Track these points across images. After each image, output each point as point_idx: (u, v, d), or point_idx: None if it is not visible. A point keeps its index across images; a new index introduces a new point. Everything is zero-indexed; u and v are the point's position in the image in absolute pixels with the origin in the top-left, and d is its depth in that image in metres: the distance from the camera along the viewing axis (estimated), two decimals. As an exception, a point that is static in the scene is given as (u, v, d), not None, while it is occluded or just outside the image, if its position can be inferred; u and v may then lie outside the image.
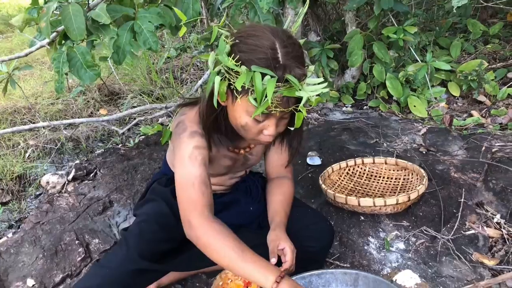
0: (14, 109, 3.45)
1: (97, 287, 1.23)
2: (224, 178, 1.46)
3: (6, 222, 2.39)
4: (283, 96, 1.04)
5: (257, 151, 1.42)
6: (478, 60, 2.69)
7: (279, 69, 1.02)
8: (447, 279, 1.45)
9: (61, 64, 1.26)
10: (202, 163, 1.20)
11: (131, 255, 1.24)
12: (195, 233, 1.14)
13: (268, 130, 1.14)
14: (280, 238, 1.28)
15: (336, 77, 2.93)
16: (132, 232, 1.34)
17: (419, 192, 1.64)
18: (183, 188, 1.18)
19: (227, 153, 1.35)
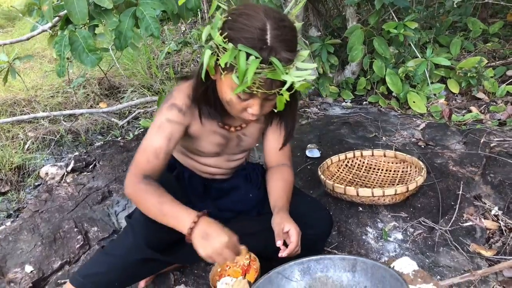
0: (14, 101, 3.45)
1: (102, 275, 1.25)
2: (220, 159, 1.45)
3: (4, 212, 2.39)
4: (266, 77, 1.05)
5: (250, 132, 1.41)
6: (477, 57, 2.70)
7: (265, 51, 1.04)
8: (444, 269, 1.46)
9: (62, 47, 1.26)
10: (168, 136, 1.25)
11: (138, 244, 1.25)
12: (126, 191, 1.23)
13: (252, 109, 1.16)
14: (285, 221, 1.28)
15: (336, 72, 2.94)
16: (137, 219, 1.34)
17: (418, 183, 1.64)
18: (138, 151, 1.26)
19: (218, 129, 1.35)
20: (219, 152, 1.41)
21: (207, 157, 1.43)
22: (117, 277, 1.26)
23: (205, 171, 1.47)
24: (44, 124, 3.18)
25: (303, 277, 1.21)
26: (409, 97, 2.61)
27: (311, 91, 2.83)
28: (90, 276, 1.26)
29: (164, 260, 1.32)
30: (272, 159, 1.49)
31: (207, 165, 1.45)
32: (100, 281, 1.25)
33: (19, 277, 1.65)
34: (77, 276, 1.27)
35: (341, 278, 1.20)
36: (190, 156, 1.46)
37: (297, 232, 1.25)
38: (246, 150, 1.47)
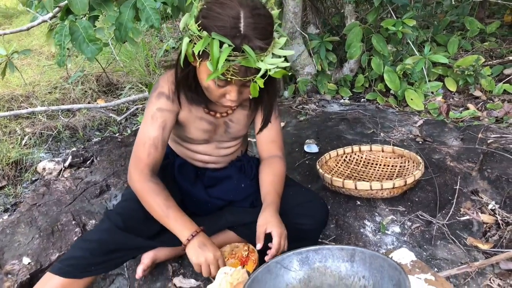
0: (12, 96, 3.44)
1: (78, 258, 1.26)
2: (210, 147, 1.47)
3: (1, 206, 2.39)
4: (240, 65, 1.07)
5: (237, 119, 1.42)
6: (475, 56, 2.71)
7: (238, 39, 1.06)
8: (442, 261, 1.47)
9: (63, 37, 1.26)
10: (161, 125, 1.30)
11: (112, 229, 1.28)
12: (133, 185, 1.30)
13: (229, 95, 1.19)
14: (268, 222, 1.30)
15: (335, 70, 2.95)
16: (114, 210, 1.39)
17: (416, 177, 1.65)
18: (137, 144, 1.32)
19: (204, 116, 1.36)
20: (208, 139, 1.43)
21: (197, 144, 1.45)
22: (93, 261, 1.26)
23: (197, 159, 1.48)
24: (42, 120, 3.18)
25: (302, 267, 1.22)
26: (407, 94, 2.62)
27: (309, 88, 2.84)
28: (66, 260, 1.27)
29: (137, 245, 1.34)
30: (263, 150, 1.51)
31: (198, 152, 1.47)
32: (76, 264, 1.26)
33: (17, 268, 1.65)
34: (56, 264, 1.29)
35: (339, 268, 1.20)
36: (182, 143, 1.47)
37: (278, 234, 1.27)
38: (236, 137, 1.48)
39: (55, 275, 1.26)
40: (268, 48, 1.10)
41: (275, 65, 1.08)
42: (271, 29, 1.13)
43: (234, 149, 1.53)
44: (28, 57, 4.49)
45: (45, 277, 1.29)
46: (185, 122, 1.37)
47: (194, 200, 1.52)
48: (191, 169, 1.51)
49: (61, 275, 1.25)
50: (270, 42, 1.11)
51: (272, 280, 1.18)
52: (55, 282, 1.25)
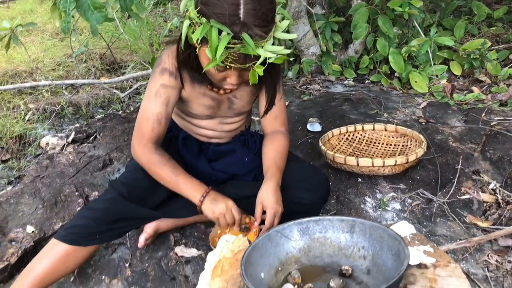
0: (15, 72, 3.44)
1: (82, 227, 1.28)
2: (214, 122, 1.47)
3: (5, 179, 2.41)
4: (239, 52, 1.07)
5: (241, 95, 1.42)
6: (481, 39, 2.69)
7: (237, 26, 1.05)
8: (441, 238, 1.48)
9: (68, 3, 1.26)
10: (165, 102, 1.31)
11: (116, 198, 1.29)
12: (139, 160, 1.33)
13: (230, 79, 1.20)
14: (265, 199, 1.33)
15: (340, 51, 2.94)
16: (118, 180, 1.39)
17: (418, 155, 1.66)
18: (140, 119, 1.33)
19: (207, 92, 1.37)
20: (211, 114, 1.43)
21: (201, 119, 1.45)
22: (97, 229, 1.28)
23: (201, 134, 1.49)
24: (45, 96, 3.18)
25: (302, 237, 1.23)
26: (411, 77, 2.61)
27: (313, 68, 2.83)
28: (71, 228, 1.29)
29: (140, 214, 1.35)
30: (267, 126, 1.51)
31: (202, 127, 1.47)
32: (80, 232, 1.27)
33: (21, 236, 1.67)
34: (60, 231, 1.31)
35: (339, 238, 1.21)
36: (185, 118, 1.48)
37: (271, 215, 1.31)
38: (240, 113, 1.48)
39: (60, 242, 1.28)
40: (268, 35, 1.09)
41: (276, 53, 1.07)
42: (272, 14, 1.12)
43: (237, 125, 1.54)
44: (31, 34, 4.49)
45: (50, 243, 1.30)
46: (189, 98, 1.37)
47: (197, 173, 1.52)
48: (194, 143, 1.52)
49: (66, 242, 1.27)
50: (270, 29, 1.10)
51: (273, 248, 1.19)
52: (60, 248, 1.27)
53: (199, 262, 1.43)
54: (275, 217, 1.31)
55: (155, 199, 1.37)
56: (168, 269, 1.43)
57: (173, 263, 1.44)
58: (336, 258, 1.20)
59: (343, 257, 1.20)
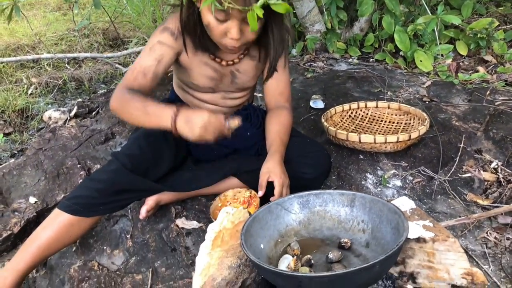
0: (18, 45, 3.42)
1: (85, 197, 1.28)
2: (216, 96, 1.47)
3: (8, 152, 2.42)
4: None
5: (244, 69, 1.42)
6: (489, 19, 2.65)
7: None
8: (440, 215, 1.49)
9: (70, -29, 1.24)
10: (157, 58, 1.28)
11: (119, 169, 1.29)
12: (111, 106, 1.26)
13: (231, 32, 1.18)
14: (271, 171, 1.32)
15: (345, 28, 2.90)
16: (121, 151, 1.38)
17: (420, 132, 1.65)
18: (129, 69, 1.31)
19: (209, 62, 1.36)
20: (213, 87, 1.42)
21: (203, 92, 1.45)
22: (100, 201, 1.28)
23: (204, 108, 1.48)
24: (48, 70, 3.17)
25: (302, 210, 1.24)
26: (416, 56, 2.59)
27: (318, 46, 2.80)
28: (74, 198, 1.29)
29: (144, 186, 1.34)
30: (271, 100, 1.51)
31: (205, 101, 1.47)
32: (83, 203, 1.27)
33: (23, 207, 1.69)
34: (64, 201, 1.30)
35: (339, 212, 1.22)
36: (188, 91, 1.47)
37: (279, 184, 1.30)
38: (243, 89, 1.48)
39: (62, 212, 1.28)
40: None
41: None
42: None
43: (241, 101, 1.53)
44: (34, 8, 4.45)
45: (53, 213, 1.31)
46: (189, 65, 1.37)
47: (200, 147, 1.53)
48: None
49: (69, 213, 1.27)
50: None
51: (273, 221, 1.20)
52: (63, 218, 1.28)
53: (200, 234, 1.44)
54: (283, 187, 1.31)
55: (157, 172, 1.37)
56: (169, 241, 1.44)
57: (174, 235, 1.45)
58: (335, 231, 1.21)
59: (342, 230, 1.21)
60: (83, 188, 1.31)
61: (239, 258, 1.12)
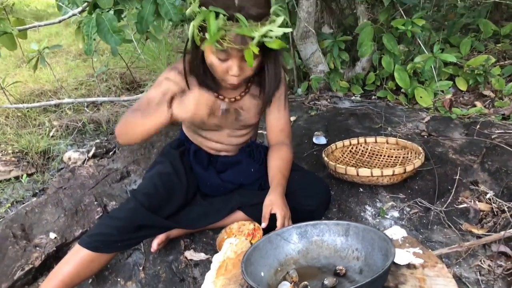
0: (41, 91, 3.65)
1: (105, 235, 1.39)
2: (222, 134, 1.58)
3: (30, 191, 2.57)
4: (236, 34, 1.18)
5: (247, 107, 1.53)
6: (485, 56, 2.77)
7: (233, 9, 1.17)
8: (436, 244, 1.55)
9: (90, 28, 1.41)
10: (163, 91, 1.37)
11: (137, 208, 1.40)
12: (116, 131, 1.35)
13: (231, 70, 1.29)
14: (273, 203, 1.42)
15: (347, 68, 3.04)
16: (138, 189, 1.50)
17: (415, 166, 1.74)
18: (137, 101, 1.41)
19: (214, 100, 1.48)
20: (219, 124, 1.54)
21: (210, 131, 1.56)
22: (119, 238, 1.38)
23: (211, 147, 1.60)
24: (68, 113, 3.37)
25: (301, 240, 1.32)
26: (417, 92, 2.70)
27: (322, 85, 2.95)
28: (94, 235, 1.39)
29: (158, 224, 1.45)
30: (272, 137, 1.62)
31: (211, 139, 1.58)
32: (103, 240, 1.38)
33: (44, 242, 1.80)
34: (84, 237, 1.40)
35: (335, 241, 1.30)
36: (196, 130, 1.59)
37: (282, 216, 1.38)
38: (247, 126, 1.58)
39: (83, 248, 1.38)
40: (263, 18, 1.20)
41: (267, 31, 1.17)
42: (266, 4, 1.23)
43: (245, 139, 1.65)
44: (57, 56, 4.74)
45: (75, 249, 1.41)
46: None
47: (208, 184, 1.65)
48: (204, 155, 1.64)
49: (90, 249, 1.38)
50: (264, 13, 1.21)
51: (273, 250, 1.29)
52: (84, 254, 1.38)
53: (207, 265, 1.53)
54: (285, 219, 1.39)
55: (170, 208, 1.48)
56: (178, 272, 1.53)
57: (183, 266, 1.55)
58: (332, 259, 1.29)
59: (338, 258, 1.29)
60: (103, 225, 1.41)
61: (241, 285, 1.20)
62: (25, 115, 3.27)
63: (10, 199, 2.48)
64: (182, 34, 5.19)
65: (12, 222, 1.94)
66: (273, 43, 1.20)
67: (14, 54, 4.63)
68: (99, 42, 3.23)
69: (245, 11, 1.17)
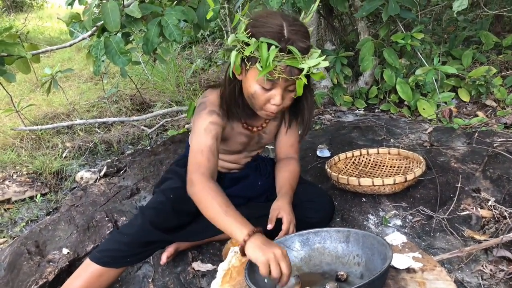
0: (54, 114, 3.77)
1: (115, 250, 1.43)
2: (240, 156, 1.64)
3: (44, 210, 2.64)
4: (286, 65, 1.24)
5: (270, 130, 1.59)
6: (486, 67, 2.81)
7: (283, 41, 1.23)
8: (439, 250, 1.58)
9: (99, 50, 1.50)
10: (215, 136, 1.40)
11: (145, 225, 1.44)
12: (193, 189, 1.31)
13: (274, 99, 1.32)
14: (281, 208, 1.45)
15: (350, 83, 3.11)
16: (147, 205, 1.55)
17: (416, 174, 1.78)
18: (193, 153, 1.38)
19: (243, 131, 1.53)
20: (241, 149, 1.60)
21: (230, 154, 1.61)
22: (129, 253, 1.43)
23: (224, 166, 1.65)
24: (80, 135, 3.47)
25: (303, 247, 1.36)
26: (419, 104, 2.74)
27: (325, 100, 3.01)
28: (104, 251, 1.43)
29: (170, 239, 1.50)
30: (281, 152, 1.67)
31: (228, 161, 1.64)
32: (112, 256, 1.42)
33: (57, 257, 1.86)
34: (94, 252, 1.45)
35: (336, 248, 1.34)
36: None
37: (288, 220, 1.41)
38: (263, 146, 1.64)
39: (93, 263, 1.43)
40: (308, 52, 1.26)
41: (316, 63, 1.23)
42: (308, 36, 1.30)
43: (256, 155, 1.71)
44: (69, 80, 4.88)
45: (84, 264, 1.46)
46: (227, 137, 1.54)
47: None
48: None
49: (100, 264, 1.43)
50: (309, 47, 1.27)
51: (276, 258, 1.33)
52: (94, 269, 1.43)
53: (213, 275, 1.57)
54: (290, 224, 1.43)
55: (178, 221, 1.53)
56: (186, 282, 1.58)
57: (191, 277, 1.59)
58: (334, 265, 1.33)
59: (340, 264, 1.32)
60: (112, 241, 1.46)
61: (245, 291, 1.24)
62: (39, 137, 3.38)
63: (25, 218, 2.56)
64: (190, 55, 5.32)
65: (27, 239, 2.01)
66: (317, 75, 1.27)
67: (29, 79, 4.79)
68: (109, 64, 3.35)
69: (295, 43, 1.23)
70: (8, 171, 2.95)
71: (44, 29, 8.38)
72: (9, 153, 3.11)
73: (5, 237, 2.40)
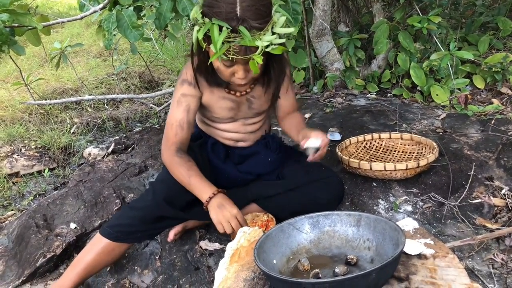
0: (63, 89, 3.75)
1: (125, 226, 1.45)
2: (237, 124, 1.61)
3: (52, 185, 2.65)
4: (240, 45, 1.21)
5: (258, 95, 1.56)
6: (503, 53, 2.74)
7: (235, 21, 1.20)
8: (449, 237, 1.56)
9: (110, 24, 1.47)
10: (186, 109, 1.47)
11: (156, 199, 1.45)
12: (163, 162, 1.50)
13: (237, 74, 1.34)
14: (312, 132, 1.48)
15: (363, 66, 3.05)
16: (158, 180, 1.55)
17: (429, 160, 1.74)
18: (166, 126, 1.50)
19: (226, 95, 1.52)
20: (233, 116, 1.57)
21: (225, 123, 1.60)
22: (139, 228, 1.45)
23: (226, 137, 1.63)
24: (89, 111, 3.46)
25: (313, 229, 1.35)
26: (433, 90, 2.69)
27: (337, 83, 2.96)
28: (115, 226, 1.45)
29: (180, 216, 1.50)
30: (284, 112, 1.69)
31: (227, 130, 1.62)
32: (123, 231, 1.44)
33: (65, 232, 1.87)
34: (104, 227, 1.47)
35: (347, 232, 1.33)
36: (211, 124, 1.63)
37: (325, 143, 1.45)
38: (259, 113, 1.61)
39: (104, 238, 1.45)
40: (265, 27, 1.23)
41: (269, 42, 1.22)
42: (266, 9, 1.26)
43: (259, 125, 1.67)
44: (78, 56, 4.85)
45: (95, 238, 1.48)
46: (209, 103, 1.53)
47: (225, 176, 1.68)
48: (222, 148, 1.67)
49: (111, 239, 1.45)
50: (266, 21, 1.24)
51: (285, 239, 1.32)
52: (105, 244, 1.45)
53: (221, 254, 1.57)
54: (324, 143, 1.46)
55: (187, 197, 1.52)
56: (193, 260, 1.57)
57: (198, 255, 1.59)
58: (343, 249, 1.31)
59: (350, 248, 1.31)
60: (123, 216, 1.48)
61: (253, 271, 1.23)
62: (47, 112, 3.37)
63: (33, 192, 2.57)
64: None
65: (35, 213, 2.01)
66: (276, 50, 1.24)
67: (38, 54, 4.76)
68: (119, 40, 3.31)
69: (247, 22, 1.21)
70: (16, 144, 2.95)
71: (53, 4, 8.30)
72: (17, 127, 3.11)
73: (13, 210, 2.41)
